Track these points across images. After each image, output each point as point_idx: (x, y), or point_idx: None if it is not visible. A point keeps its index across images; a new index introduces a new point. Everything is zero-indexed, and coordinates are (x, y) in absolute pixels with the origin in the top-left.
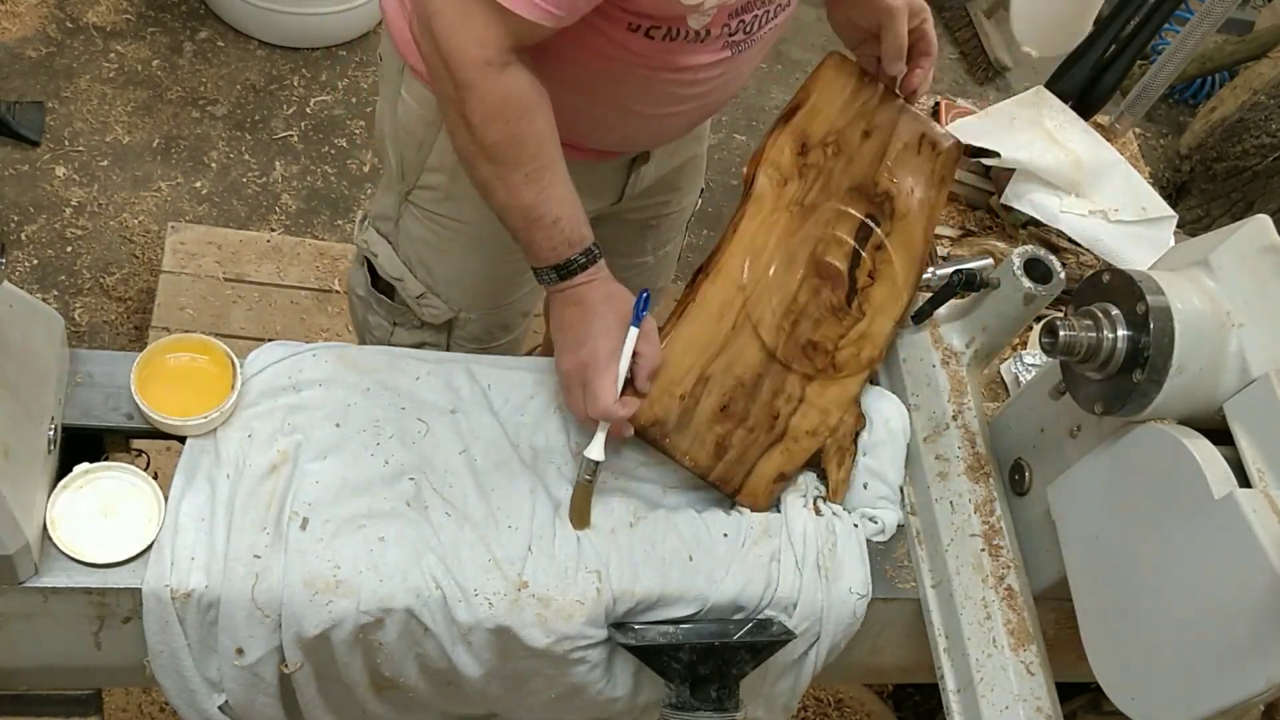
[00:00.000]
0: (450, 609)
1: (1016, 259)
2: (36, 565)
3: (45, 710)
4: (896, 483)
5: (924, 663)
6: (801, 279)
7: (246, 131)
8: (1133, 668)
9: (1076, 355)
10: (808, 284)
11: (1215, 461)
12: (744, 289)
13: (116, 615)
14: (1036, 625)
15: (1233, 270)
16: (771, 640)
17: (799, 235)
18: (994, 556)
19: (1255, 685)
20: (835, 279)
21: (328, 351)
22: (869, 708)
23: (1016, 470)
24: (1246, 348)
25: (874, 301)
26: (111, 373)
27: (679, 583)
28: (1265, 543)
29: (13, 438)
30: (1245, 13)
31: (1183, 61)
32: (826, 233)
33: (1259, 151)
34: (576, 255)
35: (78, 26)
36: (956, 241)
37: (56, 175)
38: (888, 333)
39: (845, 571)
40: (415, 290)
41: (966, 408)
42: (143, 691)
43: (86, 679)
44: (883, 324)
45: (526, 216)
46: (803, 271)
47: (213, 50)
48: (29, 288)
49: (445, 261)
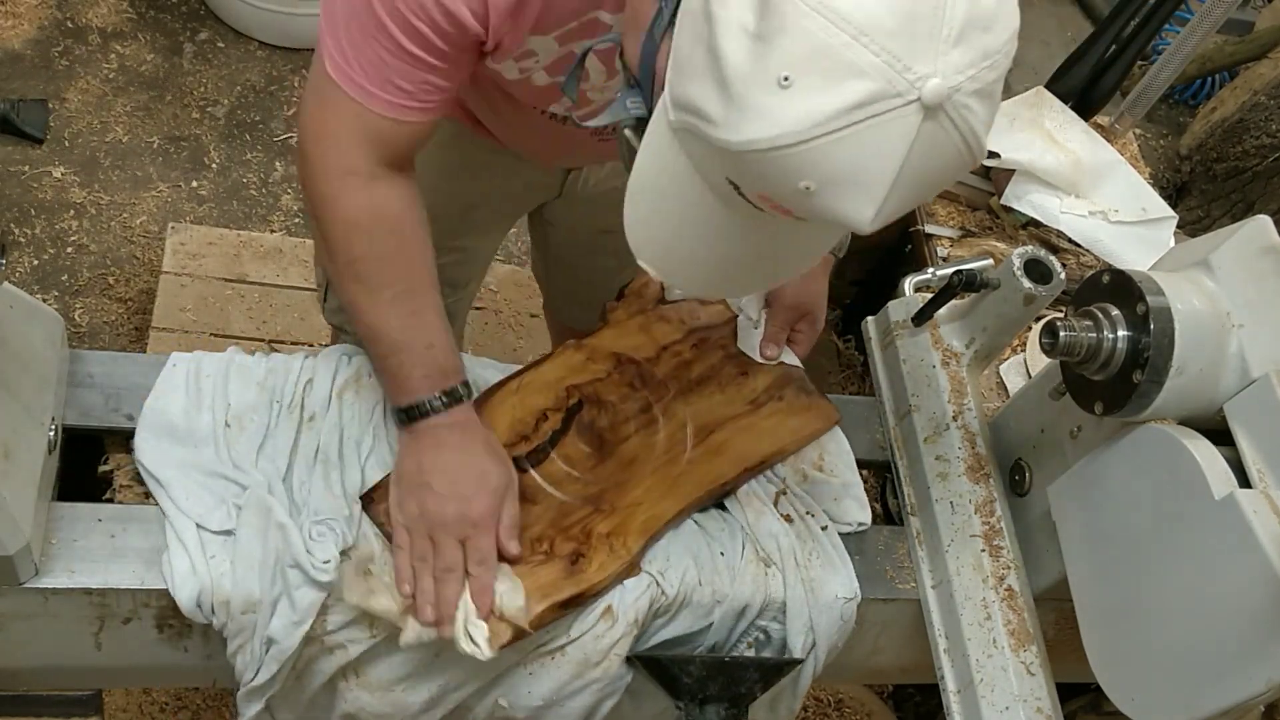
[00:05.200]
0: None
1: (1016, 259)
2: (37, 566)
3: (45, 710)
4: (851, 472)
5: (924, 663)
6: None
7: (247, 132)
8: (1133, 668)
9: (1076, 356)
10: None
11: (1215, 462)
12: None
13: (116, 616)
14: (1037, 626)
15: (1233, 271)
16: (781, 662)
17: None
18: (994, 557)
19: (1255, 686)
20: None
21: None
22: (869, 708)
23: (1016, 471)
24: (1246, 348)
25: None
26: (111, 373)
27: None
28: (1265, 543)
29: (13, 438)
30: (1245, 13)
31: (1183, 62)
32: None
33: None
34: (450, 388)
35: (78, 27)
36: (956, 242)
37: (56, 176)
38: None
39: (829, 577)
40: None
41: (966, 408)
42: (143, 692)
43: (86, 679)
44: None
45: (395, 341)
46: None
47: (213, 51)
48: (29, 288)
49: None
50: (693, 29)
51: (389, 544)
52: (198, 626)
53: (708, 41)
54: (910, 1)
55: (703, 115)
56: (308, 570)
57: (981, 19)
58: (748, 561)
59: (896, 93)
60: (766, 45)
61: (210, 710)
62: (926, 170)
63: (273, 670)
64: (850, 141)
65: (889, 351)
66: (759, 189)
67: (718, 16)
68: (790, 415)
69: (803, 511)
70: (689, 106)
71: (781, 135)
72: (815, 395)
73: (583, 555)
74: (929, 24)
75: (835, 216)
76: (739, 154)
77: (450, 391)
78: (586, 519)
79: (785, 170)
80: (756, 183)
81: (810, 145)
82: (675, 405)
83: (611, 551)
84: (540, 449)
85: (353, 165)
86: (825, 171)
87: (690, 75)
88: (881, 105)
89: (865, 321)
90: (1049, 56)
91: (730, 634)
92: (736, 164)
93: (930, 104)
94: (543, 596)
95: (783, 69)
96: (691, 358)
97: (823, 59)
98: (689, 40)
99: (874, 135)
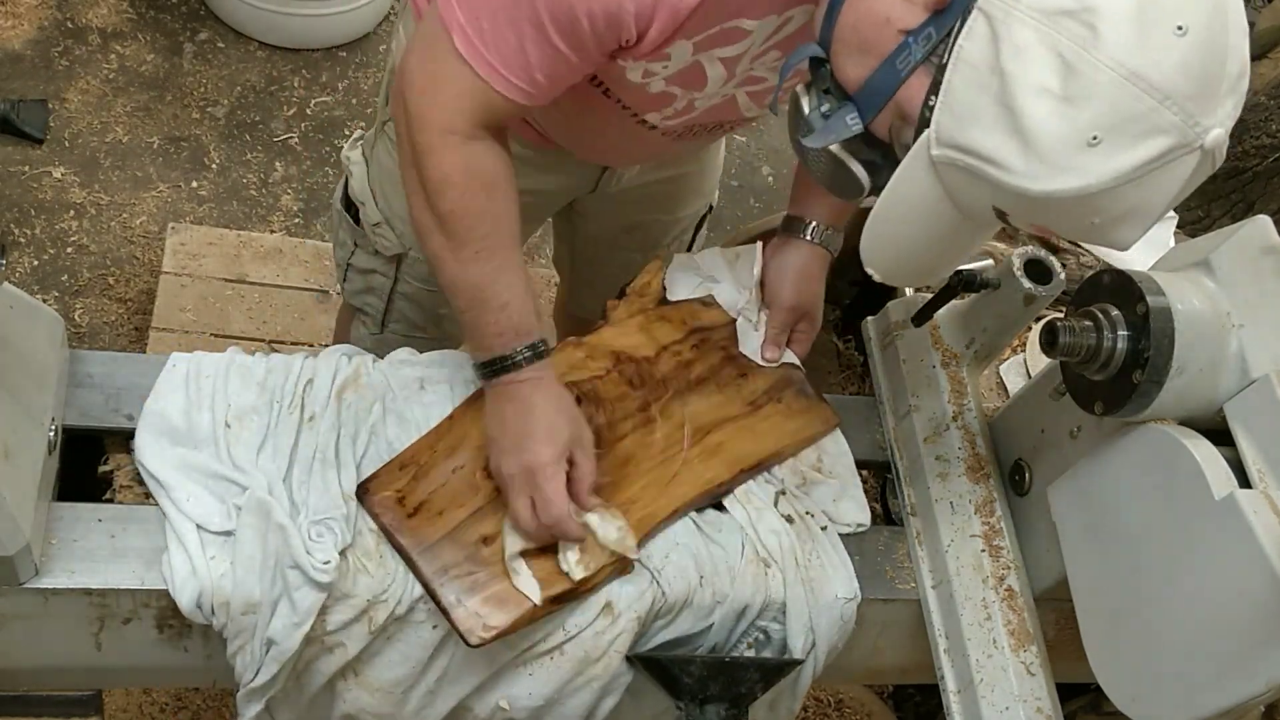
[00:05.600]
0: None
1: (1016, 259)
2: (37, 566)
3: (45, 710)
4: (850, 474)
5: (924, 663)
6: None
7: (247, 132)
8: (1133, 668)
9: (1076, 356)
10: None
11: (1215, 462)
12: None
13: (116, 616)
14: (1037, 626)
15: (1233, 271)
16: (781, 663)
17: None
18: (994, 557)
19: (1255, 686)
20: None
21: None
22: (869, 708)
23: (1016, 471)
24: (1246, 348)
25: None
26: (111, 373)
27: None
28: (1265, 543)
29: (13, 438)
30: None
31: None
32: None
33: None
34: (522, 348)
35: (78, 27)
36: None
37: (56, 176)
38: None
39: (829, 578)
40: (373, 217)
41: (966, 408)
42: (143, 692)
43: (86, 680)
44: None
45: (473, 296)
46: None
47: (213, 51)
48: (29, 289)
49: (403, 197)
50: (977, 80)
51: (384, 538)
52: (198, 627)
53: (1000, 96)
54: (1203, 65)
55: (995, 163)
56: (308, 571)
57: (1244, 68)
58: (748, 562)
59: (1187, 144)
60: (1074, 108)
61: (210, 710)
62: (1183, 194)
63: (273, 671)
64: (1143, 184)
65: (889, 351)
66: (1036, 220)
67: (1013, 76)
68: (788, 418)
69: (802, 512)
70: (970, 150)
71: (1088, 186)
72: (814, 399)
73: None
74: (1215, 83)
75: (1106, 240)
76: (1034, 198)
77: (520, 351)
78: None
79: (1080, 211)
80: (1036, 217)
81: (1111, 191)
82: (673, 405)
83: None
84: None
85: (454, 125)
86: (1115, 210)
87: (975, 123)
88: (1174, 154)
89: (865, 321)
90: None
91: (730, 634)
92: (1026, 204)
93: (1209, 149)
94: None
95: (1092, 130)
96: (691, 358)
97: (1131, 123)
98: (971, 89)
99: (1162, 177)
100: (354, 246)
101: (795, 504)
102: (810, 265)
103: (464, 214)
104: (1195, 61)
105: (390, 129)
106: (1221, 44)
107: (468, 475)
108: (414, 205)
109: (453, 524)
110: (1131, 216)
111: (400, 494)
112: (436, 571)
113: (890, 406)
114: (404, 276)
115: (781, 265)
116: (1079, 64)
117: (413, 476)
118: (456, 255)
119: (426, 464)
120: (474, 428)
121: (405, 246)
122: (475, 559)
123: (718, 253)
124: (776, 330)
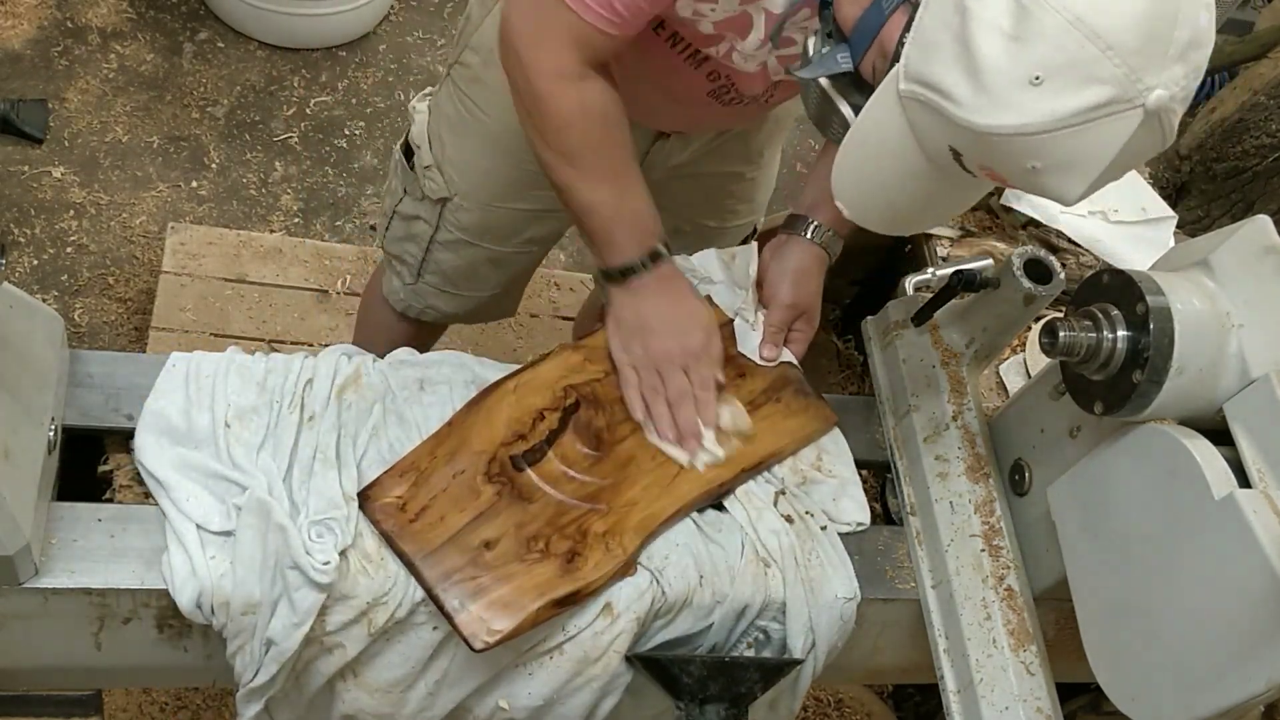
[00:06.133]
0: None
1: (1016, 259)
2: (37, 566)
3: (45, 710)
4: (850, 473)
5: (924, 663)
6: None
7: (247, 132)
8: (1133, 668)
9: (1076, 356)
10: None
11: (1215, 462)
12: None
13: (116, 616)
14: (1036, 625)
15: (1233, 271)
16: (781, 663)
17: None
18: (994, 557)
19: (1255, 686)
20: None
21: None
22: (869, 708)
23: (1016, 470)
24: (1246, 348)
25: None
26: (111, 373)
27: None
28: (1265, 543)
29: (13, 439)
30: (1245, 13)
31: None
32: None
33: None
34: (661, 245)
35: (78, 27)
36: (956, 242)
37: (56, 176)
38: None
39: (828, 577)
40: (426, 160)
41: (966, 408)
42: (143, 692)
43: (86, 679)
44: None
45: (607, 215)
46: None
47: (213, 51)
48: (29, 288)
49: (458, 143)
50: (942, 17)
51: (385, 541)
52: (197, 626)
53: (959, 33)
54: (1150, 22)
55: (948, 96)
56: (307, 572)
57: (1197, 39)
58: (748, 562)
59: (1128, 99)
60: (1022, 47)
61: (210, 710)
62: (1130, 158)
63: (272, 671)
64: (1080, 134)
65: (889, 351)
66: (984, 162)
67: (973, 12)
68: (787, 417)
69: (802, 511)
70: (930, 84)
71: (1026, 125)
72: (813, 398)
73: (579, 554)
74: (1162, 43)
75: (1048, 191)
76: (979, 134)
77: (655, 252)
78: (583, 518)
79: (1020, 152)
80: (984, 157)
81: (1048, 135)
82: None
83: (607, 551)
84: (537, 448)
85: (564, 67)
86: (1054, 157)
87: (936, 58)
88: (1114, 108)
89: (865, 321)
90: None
91: (730, 634)
92: (972, 140)
93: (1151, 110)
94: (539, 595)
95: (1036, 70)
96: None
97: (1074, 68)
98: (937, 26)
99: (1100, 130)
100: (403, 193)
101: (795, 504)
102: (809, 264)
103: (586, 148)
104: (1144, 18)
105: (455, 72)
106: (1173, 6)
107: (468, 480)
108: (537, 147)
109: (454, 529)
110: (1072, 168)
111: (401, 500)
112: (439, 577)
113: (890, 406)
114: (445, 224)
115: (780, 264)
116: (1032, 6)
117: (413, 482)
118: (587, 183)
119: (427, 470)
120: (473, 432)
121: (451, 192)
122: (478, 563)
123: (714, 254)
124: (774, 329)
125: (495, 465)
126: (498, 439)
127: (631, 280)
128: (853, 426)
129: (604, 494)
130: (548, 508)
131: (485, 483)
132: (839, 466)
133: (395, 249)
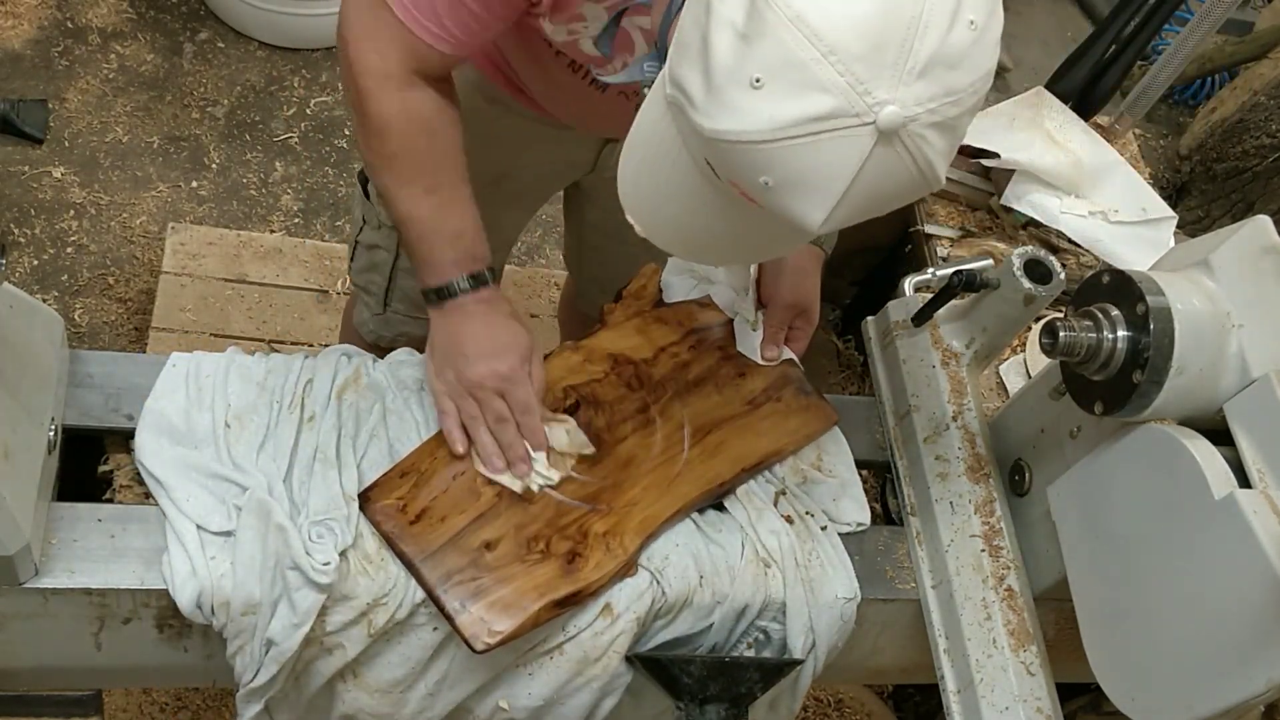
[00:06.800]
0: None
1: (1016, 260)
2: (37, 566)
3: (45, 710)
4: (850, 473)
5: (924, 663)
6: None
7: (247, 132)
8: (1133, 668)
9: (1076, 356)
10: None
11: (1215, 462)
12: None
13: (116, 616)
14: (1036, 626)
15: (1233, 271)
16: (781, 663)
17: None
18: (994, 557)
19: (1255, 686)
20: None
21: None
22: (869, 708)
23: (1016, 471)
24: (1246, 348)
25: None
26: (111, 373)
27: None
28: (1265, 543)
29: (13, 438)
30: (1245, 13)
31: (1183, 62)
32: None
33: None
34: (483, 270)
35: (78, 27)
36: (956, 242)
37: (56, 176)
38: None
39: (828, 578)
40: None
41: (966, 408)
42: (143, 692)
43: (86, 679)
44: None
45: (424, 230)
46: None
47: (213, 51)
48: (29, 288)
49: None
50: (694, 15)
51: (385, 542)
52: (197, 627)
53: (703, 30)
54: (880, 31)
55: (688, 97)
56: (307, 572)
57: (949, 57)
58: (748, 562)
59: (855, 113)
60: (748, 46)
61: (210, 710)
62: (878, 188)
63: (272, 671)
64: (808, 149)
65: (889, 351)
66: (728, 175)
67: (715, 9)
68: (788, 416)
69: (802, 511)
70: (680, 85)
71: (746, 131)
72: (813, 396)
73: (579, 555)
74: (895, 54)
75: (789, 214)
76: (710, 140)
77: (477, 275)
78: (583, 519)
79: (749, 163)
80: (724, 169)
81: (771, 145)
82: (672, 406)
83: (608, 551)
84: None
85: (390, 71)
86: (783, 172)
87: (685, 57)
88: (840, 122)
89: (865, 321)
90: (1049, 56)
91: (730, 634)
92: (709, 148)
93: (885, 129)
94: (539, 595)
95: (756, 71)
96: (689, 359)
97: (792, 70)
98: (690, 23)
99: (830, 148)
100: (363, 223)
101: (795, 504)
102: (805, 262)
103: (407, 154)
104: (874, 23)
105: None
106: (913, 17)
107: (469, 481)
108: (361, 143)
109: (455, 530)
110: (807, 189)
111: (402, 501)
112: (440, 578)
113: (890, 406)
114: (405, 251)
115: (777, 263)
116: (762, 3)
117: (414, 484)
118: (406, 192)
119: (427, 471)
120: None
121: None
122: (478, 564)
123: None
124: (774, 328)
125: None
126: None
127: (447, 303)
128: (853, 426)
129: (604, 494)
130: (548, 508)
131: (485, 484)
132: (839, 467)
133: (361, 280)
